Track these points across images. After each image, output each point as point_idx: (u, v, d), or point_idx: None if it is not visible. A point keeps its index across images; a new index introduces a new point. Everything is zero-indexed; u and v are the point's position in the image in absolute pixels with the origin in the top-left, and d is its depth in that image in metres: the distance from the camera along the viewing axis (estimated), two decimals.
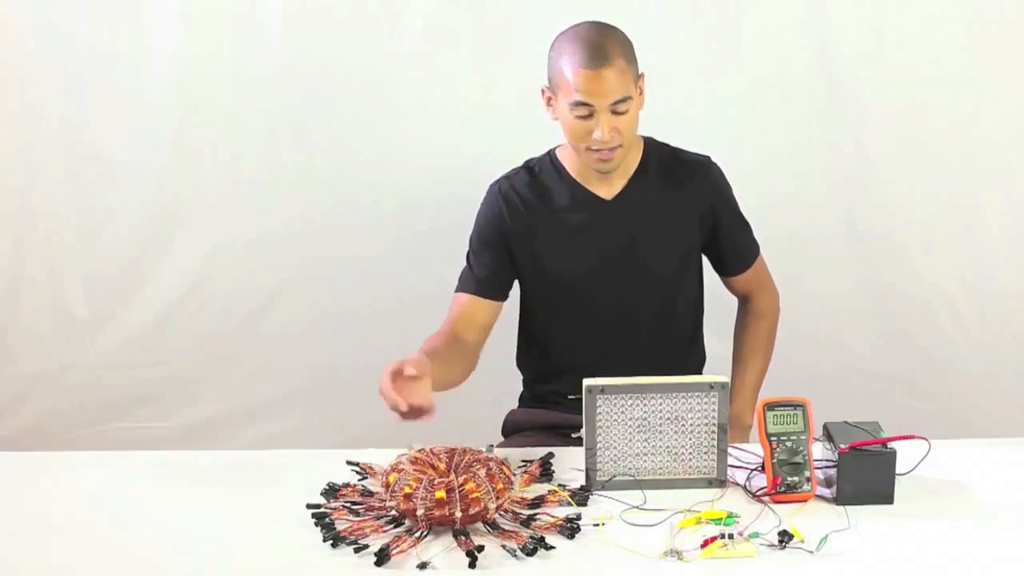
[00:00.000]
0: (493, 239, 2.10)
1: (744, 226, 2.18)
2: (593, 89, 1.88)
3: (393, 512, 1.61)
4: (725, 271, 2.19)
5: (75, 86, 2.78)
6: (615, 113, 1.91)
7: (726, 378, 1.71)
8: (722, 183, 2.13)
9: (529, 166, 2.12)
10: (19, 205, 2.86)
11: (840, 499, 1.65)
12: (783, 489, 1.66)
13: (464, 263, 2.14)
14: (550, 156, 2.11)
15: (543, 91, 2.00)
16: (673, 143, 2.13)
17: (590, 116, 1.90)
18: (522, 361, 2.23)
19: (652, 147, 2.09)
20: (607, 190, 2.06)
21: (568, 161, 2.07)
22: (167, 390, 2.96)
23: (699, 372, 2.18)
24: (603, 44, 1.91)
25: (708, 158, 2.13)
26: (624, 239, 2.05)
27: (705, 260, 2.19)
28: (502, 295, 2.14)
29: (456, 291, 2.14)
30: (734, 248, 2.16)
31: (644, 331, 2.08)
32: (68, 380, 2.95)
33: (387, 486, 1.62)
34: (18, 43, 2.76)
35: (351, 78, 2.76)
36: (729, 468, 1.74)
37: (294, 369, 2.93)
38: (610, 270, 2.06)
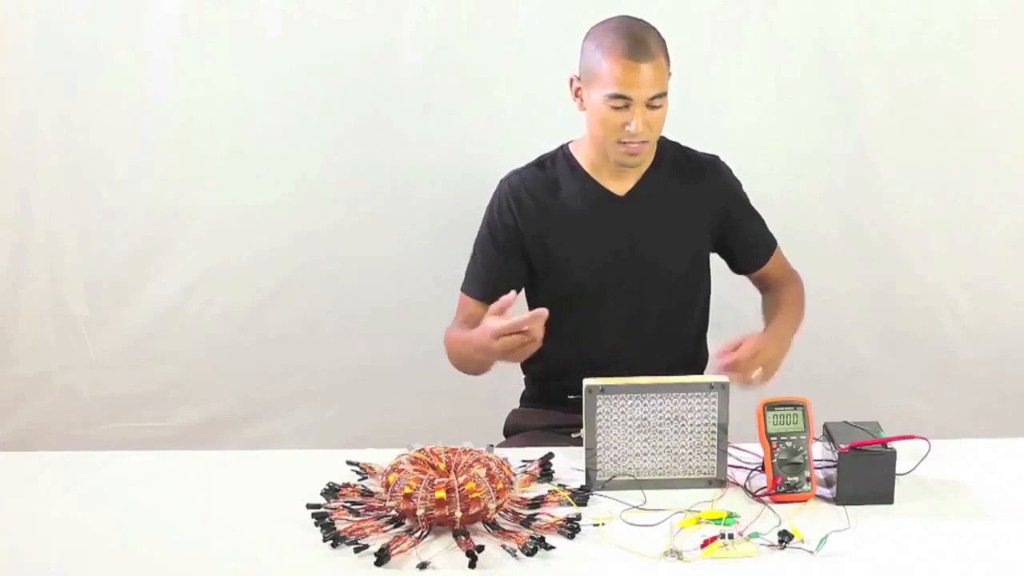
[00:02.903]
0: (504, 241, 2.10)
1: (758, 221, 2.18)
2: (634, 81, 1.90)
3: (393, 512, 1.61)
4: (744, 269, 2.19)
5: (75, 87, 2.78)
6: (650, 107, 1.93)
7: (726, 378, 1.71)
8: (732, 181, 2.15)
9: (540, 161, 2.12)
10: (19, 206, 2.86)
11: (840, 499, 1.65)
12: (783, 489, 1.66)
13: (469, 258, 2.15)
14: (563, 150, 2.12)
15: (571, 80, 2.01)
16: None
17: (625, 108, 1.92)
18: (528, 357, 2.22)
19: (665, 145, 2.11)
20: (619, 186, 2.06)
21: (581, 156, 2.08)
22: (167, 390, 2.95)
23: (703, 372, 2.18)
24: (645, 38, 1.93)
25: (717, 157, 2.15)
26: (635, 235, 2.06)
27: (720, 261, 2.19)
28: (498, 297, 2.14)
29: (462, 290, 2.14)
30: (749, 244, 2.17)
31: (653, 328, 2.08)
32: (68, 380, 2.95)
33: (387, 486, 1.62)
34: (18, 44, 2.76)
35: (351, 79, 2.76)
36: (729, 468, 1.74)
37: (294, 369, 2.93)
38: (620, 266, 2.07)
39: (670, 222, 2.08)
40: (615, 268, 2.07)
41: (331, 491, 1.70)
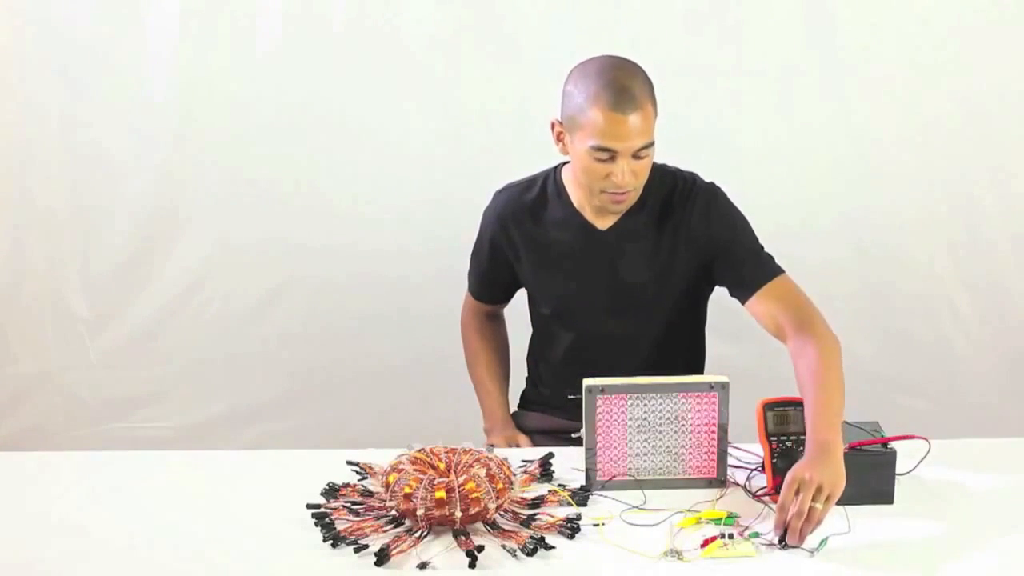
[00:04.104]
0: (489, 253, 2.11)
1: (751, 243, 2.00)
2: (619, 134, 1.80)
3: (393, 512, 1.61)
4: (738, 295, 1.99)
5: (75, 86, 2.78)
6: (636, 158, 1.83)
7: (726, 378, 1.71)
8: (726, 212, 1.99)
9: (531, 181, 2.06)
10: (19, 205, 2.86)
11: (840, 499, 1.65)
12: None
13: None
14: (555, 174, 2.05)
15: (553, 124, 1.91)
16: (672, 147, 2.08)
17: (610, 160, 1.83)
18: (531, 356, 2.22)
19: (655, 177, 1.96)
20: (602, 220, 1.99)
21: (571, 185, 2.01)
22: (167, 390, 2.96)
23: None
24: (630, 87, 1.81)
25: (712, 185, 2.00)
26: (614, 269, 1.99)
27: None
28: (495, 300, 2.21)
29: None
30: (737, 265, 1.97)
31: (639, 359, 2.01)
32: (68, 380, 2.95)
33: (387, 486, 1.62)
34: (18, 43, 2.76)
35: (351, 79, 2.76)
36: (729, 468, 1.74)
37: (294, 369, 2.93)
38: (600, 298, 2.02)
39: (651, 257, 1.98)
40: (593, 300, 2.02)
41: (331, 491, 1.70)
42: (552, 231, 2.02)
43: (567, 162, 2.02)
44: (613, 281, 2.00)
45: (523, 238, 2.05)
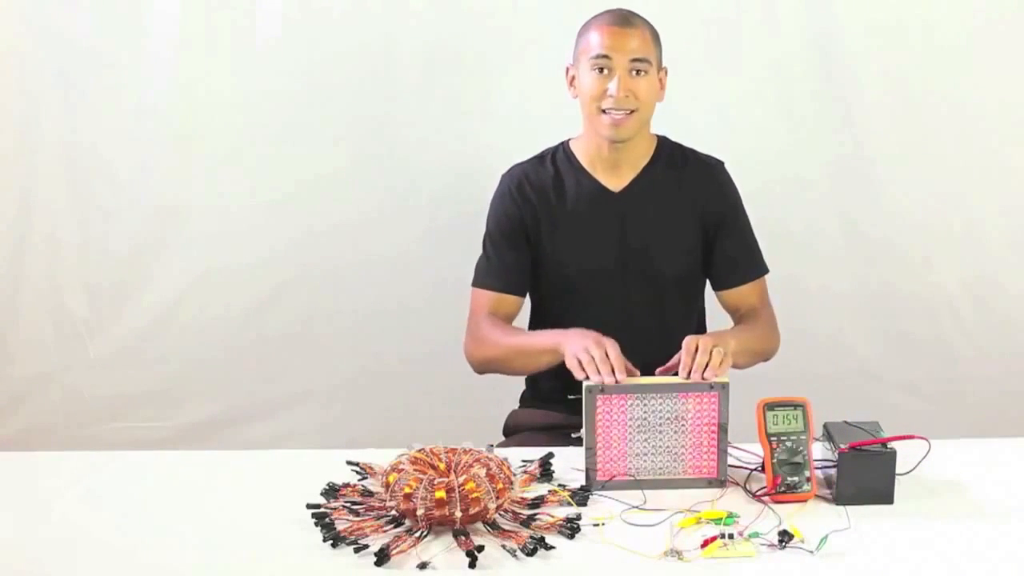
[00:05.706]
0: (511, 234, 2.11)
1: (748, 238, 2.14)
2: (615, 44, 1.97)
3: (393, 512, 1.61)
4: (719, 283, 2.14)
5: (75, 88, 2.78)
6: (633, 75, 1.97)
7: (726, 378, 1.71)
8: (729, 189, 2.13)
9: (541, 156, 2.15)
10: (19, 206, 2.86)
11: (840, 499, 1.65)
12: (783, 489, 1.66)
13: (479, 256, 2.15)
14: (563, 146, 2.14)
15: (567, 69, 2.07)
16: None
17: (608, 73, 1.97)
18: None
19: (665, 144, 2.12)
20: (615, 182, 2.08)
21: (580, 151, 2.10)
22: (167, 390, 2.95)
23: None
24: (630, 16, 2.02)
25: (720, 162, 2.14)
26: (628, 232, 2.07)
27: None
28: (516, 288, 2.13)
29: (476, 285, 2.13)
30: (731, 257, 2.11)
31: (648, 327, 2.07)
32: (68, 380, 2.95)
33: (387, 486, 1.62)
34: (18, 45, 2.76)
35: (350, 80, 2.76)
36: (729, 468, 1.74)
37: (294, 369, 2.93)
38: (614, 262, 2.07)
39: (663, 221, 2.08)
40: (608, 264, 2.08)
41: (331, 491, 1.70)
42: (567, 199, 2.09)
43: (572, 138, 2.12)
44: (623, 242, 2.07)
45: (541, 203, 2.10)
